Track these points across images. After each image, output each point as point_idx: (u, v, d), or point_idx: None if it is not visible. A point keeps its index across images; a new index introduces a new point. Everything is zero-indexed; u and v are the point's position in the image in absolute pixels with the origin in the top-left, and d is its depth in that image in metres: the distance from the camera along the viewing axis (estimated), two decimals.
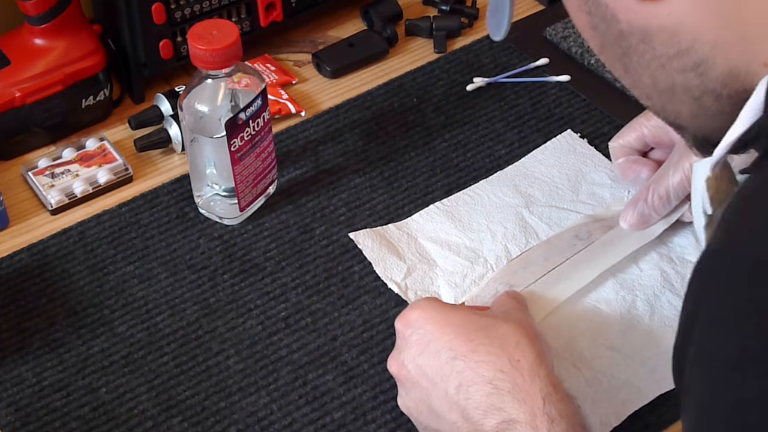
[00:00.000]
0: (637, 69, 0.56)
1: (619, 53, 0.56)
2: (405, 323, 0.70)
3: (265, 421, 0.73)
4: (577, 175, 0.89)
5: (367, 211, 0.87)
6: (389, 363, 0.70)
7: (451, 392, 0.66)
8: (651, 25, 0.53)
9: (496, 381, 0.65)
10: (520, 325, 0.69)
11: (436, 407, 0.67)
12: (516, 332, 0.67)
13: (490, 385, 0.65)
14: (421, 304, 0.70)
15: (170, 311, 0.80)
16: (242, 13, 0.97)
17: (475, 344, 0.66)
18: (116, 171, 0.89)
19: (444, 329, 0.68)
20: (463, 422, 0.65)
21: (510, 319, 0.70)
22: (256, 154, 0.83)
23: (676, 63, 0.53)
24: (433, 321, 0.68)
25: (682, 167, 0.78)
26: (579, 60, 1.00)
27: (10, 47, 0.90)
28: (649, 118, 0.82)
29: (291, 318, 0.79)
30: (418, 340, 0.68)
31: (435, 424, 0.68)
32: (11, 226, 0.87)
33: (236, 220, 0.86)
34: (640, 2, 0.52)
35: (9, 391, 0.75)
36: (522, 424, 0.63)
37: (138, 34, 0.92)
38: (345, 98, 0.98)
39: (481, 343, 0.66)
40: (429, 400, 0.67)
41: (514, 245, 0.83)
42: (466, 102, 0.97)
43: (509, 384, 0.64)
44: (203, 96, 0.81)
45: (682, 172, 0.78)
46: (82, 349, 0.77)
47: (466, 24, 1.05)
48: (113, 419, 0.73)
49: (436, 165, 0.91)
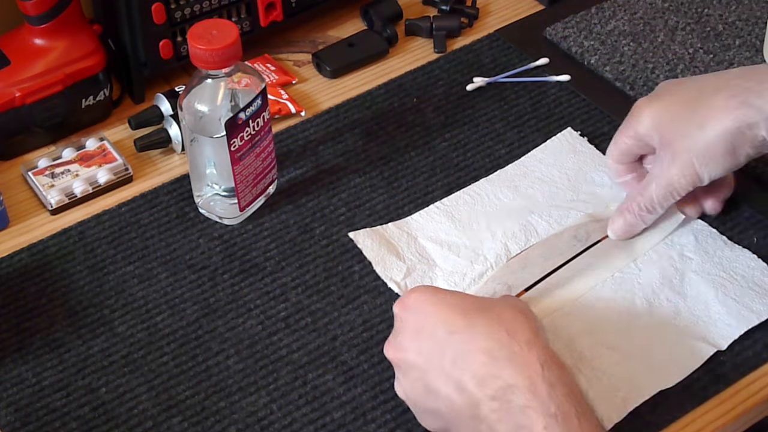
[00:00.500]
0: None
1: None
2: (402, 306, 0.70)
3: (265, 421, 0.73)
4: (577, 174, 0.89)
5: (367, 211, 0.87)
6: (386, 349, 0.71)
7: (446, 367, 0.66)
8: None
9: (493, 351, 0.65)
10: (515, 305, 0.69)
11: (432, 384, 0.67)
12: (512, 309, 0.68)
13: (487, 355, 0.65)
14: (419, 288, 0.71)
15: (170, 311, 0.80)
16: (242, 13, 0.97)
17: (471, 318, 0.67)
18: (116, 171, 0.89)
19: (440, 308, 0.68)
20: (458, 395, 0.65)
21: (506, 301, 0.71)
22: (256, 154, 0.83)
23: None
24: (430, 302, 0.69)
25: (666, 177, 0.78)
26: (579, 60, 1.00)
27: (10, 47, 0.90)
28: (626, 131, 0.82)
29: (291, 318, 0.79)
30: (415, 320, 0.69)
31: (432, 404, 0.67)
32: (11, 226, 0.87)
33: (236, 220, 0.86)
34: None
35: (9, 391, 0.75)
36: (520, 388, 0.63)
37: (138, 34, 0.92)
38: (345, 98, 0.98)
39: (477, 318, 0.67)
40: (425, 379, 0.67)
41: (514, 244, 0.83)
42: (466, 102, 0.97)
43: (506, 352, 0.64)
44: (203, 96, 0.81)
45: (665, 181, 0.78)
46: (82, 349, 0.77)
47: (466, 24, 1.05)
48: (113, 419, 0.73)
49: (436, 165, 0.91)
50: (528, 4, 1.08)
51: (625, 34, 1.01)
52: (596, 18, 1.03)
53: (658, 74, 0.97)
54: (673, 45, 1.00)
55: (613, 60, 0.99)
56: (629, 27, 1.02)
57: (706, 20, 1.02)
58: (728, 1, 1.04)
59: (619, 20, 1.03)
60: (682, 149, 0.77)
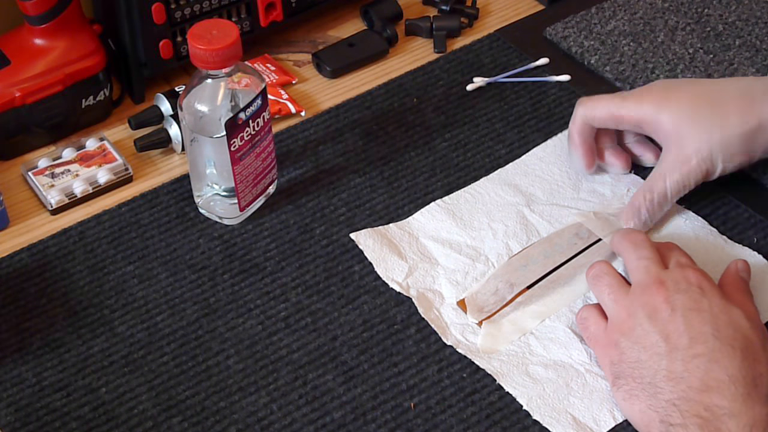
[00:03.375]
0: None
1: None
2: (703, 275, 0.72)
3: (265, 421, 0.73)
4: (578, 172, 0.89)
5: (367, 211, 0.87)
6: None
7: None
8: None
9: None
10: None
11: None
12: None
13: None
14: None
15: (170, 311, 0.80)
16: (242, 13, 0.97)
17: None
18: (116, 171, 0.89)
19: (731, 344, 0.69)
20: (664, 344, 0.68)
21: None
22: (256, 154, 0.83)
23: None
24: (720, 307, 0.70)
25: (681, 172, 0.80)
26: (579, 60, 1.00)
27: (10, 47, 0.90)
28: (627, 111, 0.84)
29: (291, 318, 0.79)
30: (699, 299, 0.70)
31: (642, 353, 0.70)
32: (11, 226, 0.87)
33: (236, 220, 0.86)
34: None
35: (9, 391, 0.75)
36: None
37: (138, 34, 0.92)
38: (345, 98, 0.98)
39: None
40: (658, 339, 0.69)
41: (516, 243, 0.83)
42: (466, 102, 0.97)
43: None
44: (203, 96, 0.81)
45: (680, 176, 0.80)
46: (82, 349, 0.77)
47: (466, 24, 1.05)
48: (113, 419, 0.73)
49: (436, 165, 0.91)
50: (528, 4, 1.08)
51: (625, 34, 1.01)
52: (596, 18, 1.03)
53: (658, 74, 0.97)
54: (673, 45, 1.00)
55: (613, 60, 0.99)
56: (629, 27, 1.02)
57: (706, 20, 1.02)
58: (728, 1, 1.04)
59: (619, 20, 1.03)
60: (702, 145, 0.80)
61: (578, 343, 0.76)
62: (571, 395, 0.73)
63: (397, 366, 0.75)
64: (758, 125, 0.79)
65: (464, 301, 0.79)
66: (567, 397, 0.73)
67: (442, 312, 0.79)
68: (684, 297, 0.70)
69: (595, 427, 0.71)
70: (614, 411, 0.72)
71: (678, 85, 0.84)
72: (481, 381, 0.74)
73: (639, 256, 0.75)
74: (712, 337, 0.68)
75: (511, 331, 0.77)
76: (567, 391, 0.73)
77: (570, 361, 0.75)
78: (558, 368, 0.74)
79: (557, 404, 0.72)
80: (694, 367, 0.67)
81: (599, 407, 0.72)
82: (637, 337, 0.70)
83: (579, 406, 0.72)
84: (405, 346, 0.77)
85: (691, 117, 0.80)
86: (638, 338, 0.70)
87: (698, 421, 0.64)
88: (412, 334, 0.77)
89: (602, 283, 0.75)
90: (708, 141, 0.80)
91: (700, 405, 0.65)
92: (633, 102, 0.83)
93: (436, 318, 0.78)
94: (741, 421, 0.64)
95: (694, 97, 0.82)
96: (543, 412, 0.72)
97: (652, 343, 0.69)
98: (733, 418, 0.64)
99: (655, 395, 0.67)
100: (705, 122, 0.80)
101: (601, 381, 0.73)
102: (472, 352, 0.76)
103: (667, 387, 0.67)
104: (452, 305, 0.79)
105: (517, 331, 0.77)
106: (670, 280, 0.71)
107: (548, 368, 0.74)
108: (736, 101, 0.80)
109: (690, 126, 0.80)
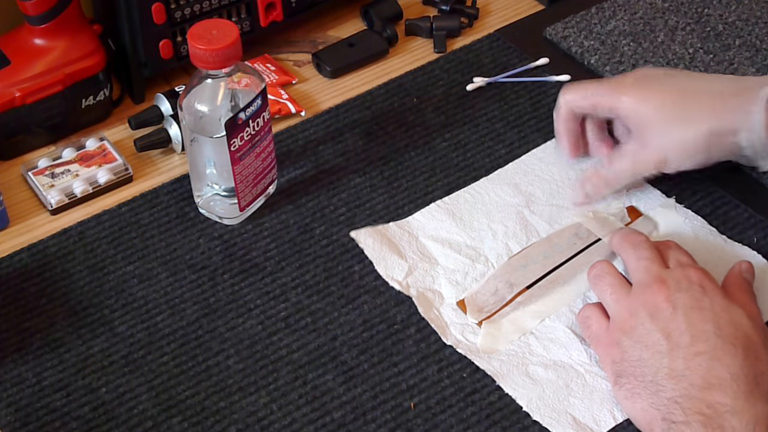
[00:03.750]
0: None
1: None
2: (704, 273, 0.72)
3: (265, 421, 0.73)
4: (578, 172, 0.89)
5: (367, 210, 0.87)
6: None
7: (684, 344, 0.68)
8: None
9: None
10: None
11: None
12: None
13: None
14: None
15: (170, 311, 0.80)
16: (242, 13, 0.97)
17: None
18: (116, 171, 0.89)
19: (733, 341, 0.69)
20: (666, 342, 0.69)
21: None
22: (256, 153, 0.83)
23: None
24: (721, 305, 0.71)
25: (637, 160, 0.82)
26: (579, 60, 1.00)
27: (10, 47, 0.90)
28: (607, 100, 0.85)
29: (291, 318, 0.79)
30: (700, 298, 0.70)
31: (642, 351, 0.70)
32: (11, 226, 0.87)
33: (236, 220, 0.86)
34: None
35: (9, 391, 0.75)
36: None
37: (138, 34, 0.92)
38: (345, 98, 0.98)
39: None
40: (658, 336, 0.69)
41: (515, 243, 0.83)
42: (466, 102, 0.97)
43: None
44: (203, 96, 0.81)
45: (634, 163, 0.82)
46: (82, 349, 0.77)
47: (466, 24, 1.05)
48: (113, 419, 0.73)
49: (436, 165, 0.91)
50: (528, 4, 1.08)
51: (625, 34, 1.01)
52: (596, 18, 1.03)
53: None
54: (673, 45, 1.00)
55: (613, 60, 0.99)
56: (629, 27, 1.02)
57: (706, 20, 1.02)
58: (728, 1, 1.04)
59: (619, 20, 1.03)
60: (661, 139, 0.81)
61: (578, 344, 0.76)
62: (571, 395, 0.73)
63: (397, 366, 0.75)
64: (720, 130, 0.79)
65: (464, 302, 0.79)
66: (567, 398, 0.73)
67: (442, 312, 0.79)
68: (685, 296, 0.70)
69: (596, 427, 0.71)
70: (614, 411, 0.72)
71: (655, 76, 0.84)
72: (481, 381, 0.74)
73: (639, 256, 0.75)
74: (713, 335, 0.68)
75: (510, 330, 0.77)
76: (567, 392, 0.73)
77: (570, 361, 0.75)
78: (558, 368, 0.74)
79: (557, 405, 0.72)
80: (695, 365, 0.67)
81: (599, 407, 0.72)
82: (638, 335, 0.70)
83: (579, 407, 0.72)
84: (405, 346, 0.77)
85: (657, 110, 0.81)
86: (640, 337, 0.70)
87: (701, 419, 0.64)
88: (412, 334, 0.77)
89: (604, 282, 0.75)
90: (667, 137, 0.80)
91: (703, 402, 0.65)
92: (609, 89, 0.84)
93: (436, 318, 0.78)
94: (744, 418, 0.64)
95: (665, 92, 0.82)
96: (543, 413, 0.72)
97: (653, 342, 0.69)
98: (736, 415, 0.64)
99: (656, 393, 0.67)
100: (668, 117, 0.80)
101: (601, 381, 0.73)
102: (472, 352, 0.76)
103: (669, 385, 0.67)
104: (452, 305, 0.79)
105: (517, 331, 0.77)
106: (671, 279, 0.71)
107: (548, 368, 0.74)
108: (706, 102, 0.80)
109: (653, 119, 0.81)
